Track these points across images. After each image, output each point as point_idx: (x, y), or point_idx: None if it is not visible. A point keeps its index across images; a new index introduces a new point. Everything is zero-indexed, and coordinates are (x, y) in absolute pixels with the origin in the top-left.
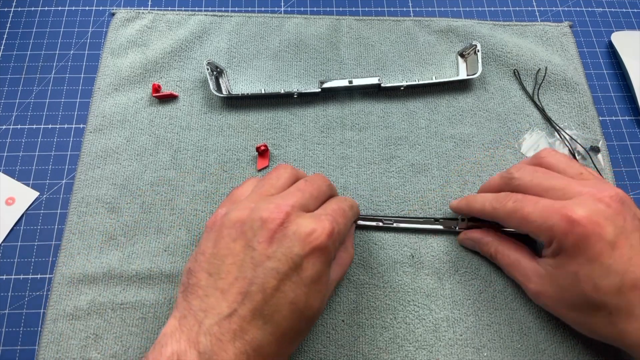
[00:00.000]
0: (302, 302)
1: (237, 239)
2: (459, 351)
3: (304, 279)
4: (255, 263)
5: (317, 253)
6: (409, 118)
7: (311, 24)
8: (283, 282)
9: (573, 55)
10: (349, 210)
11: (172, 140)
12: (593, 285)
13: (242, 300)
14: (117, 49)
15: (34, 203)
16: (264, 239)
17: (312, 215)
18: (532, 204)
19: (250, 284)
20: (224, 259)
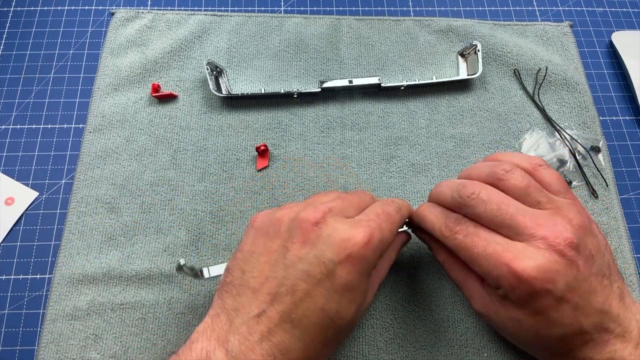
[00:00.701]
0: (333, 310)
1: (275, 237)
2: (459, 351)
3: (336, 287)
4: (287, 264)
5: (352, 261)
6: (409, 118)
7: (311, 24)
8: (314, 286)
9: (573, 55)
10: (396, 214)
11: (171, 140)
12: (535, 333)
13: (271, 301)
14: (117, 49)
15: (33, 203)
16: (298, 239)
17: (352, 221)
18: (481, 247)
19: (280, 285)
20: (259, 256)
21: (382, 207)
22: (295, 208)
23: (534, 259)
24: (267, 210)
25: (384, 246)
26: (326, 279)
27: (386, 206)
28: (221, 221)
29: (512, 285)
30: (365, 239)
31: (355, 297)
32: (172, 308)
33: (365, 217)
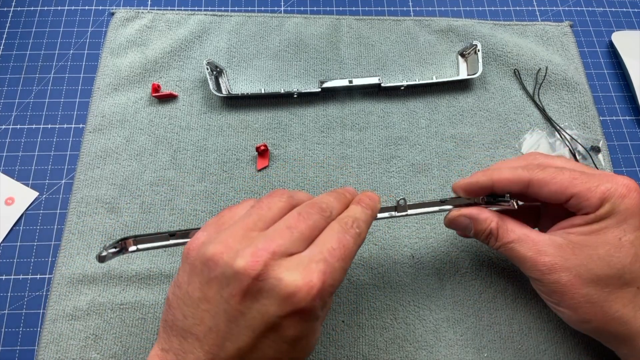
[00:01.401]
0: (286, 358)
1: (210, 282)
2: (459, 352)
3: (285, 338)
4: (229, 317)
5: (300, 314)
6: (409, 118)
7: (311, 24)
8: (260, 340)
9: (573, 55)
10: (354, 244)
11: (171, 140)
12: (635, 253)
13: (217, 352)
14: (117, 49)
15: (33, 203)
16: (237, 291)
17: (299, 264)
18: (578, 171)
19: (224, 339)
20: (198, 303)
21: (340, 238)
22: (227, 239)
23: (630, 180)
24: (199, 238)
25: (334, 289)
26: (272, 332)
27: (344, 235)
28: None
29: (622, 194)
30: (314, 291)
31: (307, 342)
32: None
33: (318, 254)
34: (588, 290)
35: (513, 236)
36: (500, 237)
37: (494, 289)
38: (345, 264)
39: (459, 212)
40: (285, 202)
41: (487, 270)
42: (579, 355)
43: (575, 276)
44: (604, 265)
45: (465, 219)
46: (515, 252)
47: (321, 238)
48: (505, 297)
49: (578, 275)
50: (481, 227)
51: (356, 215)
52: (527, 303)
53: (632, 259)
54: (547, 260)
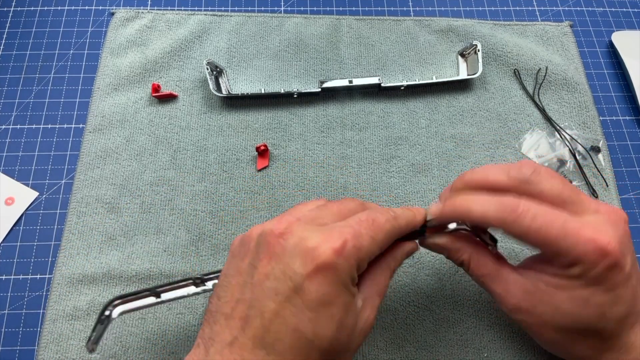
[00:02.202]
0: (309, 330)
1: (244, 257)
2: (459, 352)
3: (308, 303)
4: (255, 283)
5: (322, 272)
6: (409, 118)
7: (311, 24)
8: (283, 305)
9: (573, 55)
10: (386, 222)
11: (171, 140)
12: (600, 312)
13: (242, 326)
14: (117, 49)
15: (33, 203)
16: (264, 255)
17: (321, 227)
18: (558, 225)
19: (250, 308)
20: (231, 279)
21: (369, 214)
22: (266, 223)
23: (612, 232)
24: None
25: (362, 254)
26: (295, 295)
27: (374, 213)
28: (221, 221)
29: (595, 260)
30: (336, 246)
31: (333, 312)
32: (171, 308)
33: (343, 223)
34: (552, 335)
35: (484, 270)
36: (472, 269)
37: None
38: (374, 234)
39: (432, 240)
40: (324, 201)
41: None
42: None
43: (540, 322)
44: (568, 319)
45: (436, 247)
46: (485, 285)
47: (352, 216)
48: None
49: (543, 322)
50: (454, 256)
51: (392, 208)
52: None
53: (598, 318)
54: (514, 302)
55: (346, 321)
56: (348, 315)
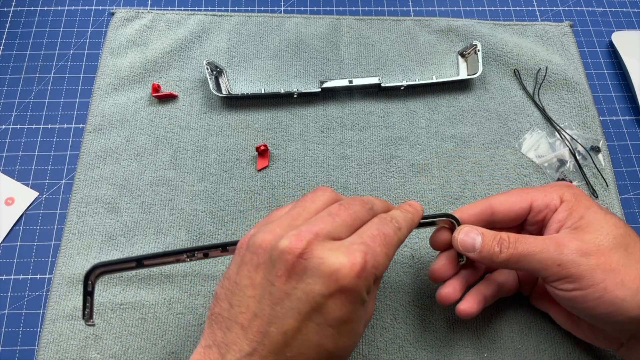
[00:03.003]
0: (331, 345)
1: (258, 268)
2: (459, 352)
3: (330, 321)
4: (274, 300)
5: (345, 294)
6: (409, 118)
7: (311, 24)
8: (305, 323)
9: (573, 55)
10: (394, 235)
11: (171, 140)
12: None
13: (261, 340)
14: (117, 49)
15: (33, 203)
16: (282, 272)
17: (341, 246)
18: (531, 189)
19: (269, 324)
20: (245, 289)
21: (379, 227)
22: (274, 229)
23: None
24: (249, 233)
25: (378, 273)
26: (317, 313)
27: (384, 226)
28: (221, 221)
29: (571, 196)
30: (357, 268)
31: (352, 327)
32: (171, 308)
33: (359, 239)
34: (617, 254)
35: (527, 240)
36: (512, 242)
37: None
38: (387, 250)
39: (466, 226)
40: (328, 196)
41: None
42: (579, 355)
43: (597, 245)
44: (607, 228)
45: (471, 234)
46: (529, 256)
47: (362, 228)
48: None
49: (599, 243)
50: (489, 238)
51: (395, 214)
52: (527, 303)
53: (622, 226)
54: (566, 240)
55: (360, 329)
56: (362, 324)
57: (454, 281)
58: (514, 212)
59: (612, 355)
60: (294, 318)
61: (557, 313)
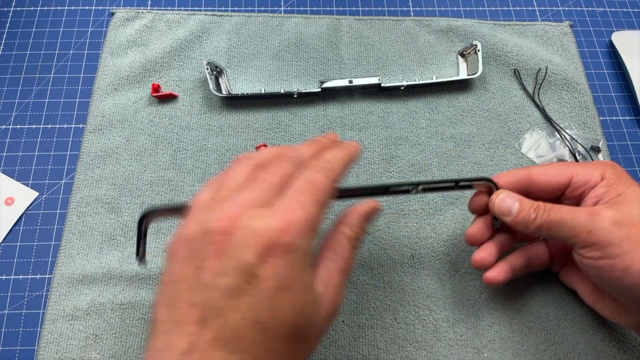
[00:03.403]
0: (269, 318)
1: (188, 260)
2: (459, 352)
3: (265, 291)
4: (206, 284)
5: (275, 255)
6: (409, 118)
7: (311, 24)
8: (239, 299)
9: (573, 55)
10: (325, 178)
11: (171, 140)
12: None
13: (199, 331)
14: (117, 49)
15: (33, 203)
16: (212, 254)
17: (265, 210)
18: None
19: (204, 309)
20: (177, 285)
21: (307, 177)
22: (199, 217)
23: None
24: (177, 231)
25: (311, 223)
26: (250, 286)
27: (312, 174)
28: None
29: (613, 173)
30: (283, 225)
31: (293, 295)
32: None
33: (285, 198)
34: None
35: (562, 209)
36: (546, 210)
37: (494, 289)
38: (318, 198)
39: (502, 191)
40: (249, 165)
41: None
42: (579, 355)
43: (630, 219)
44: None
45: (508, 199)
46: (563, 223)
47: (290, 182)
48: (505, 297)
49: (632, 220)
50: (526, 205)
51: (326, 157)
52: (527, 303)
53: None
54: (606, 214)
55: (306, 305)
56: (308, 297)
57: (489, 245)
58: (552, 185)
59: (612, 355)
60: (227, 296)
61: (584, 288)
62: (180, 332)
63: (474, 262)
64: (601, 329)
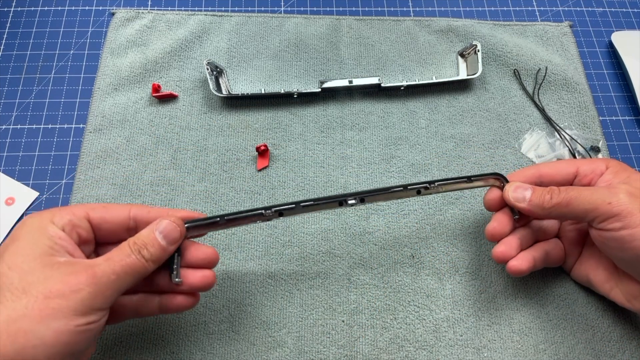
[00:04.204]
0: None
1: None
2: (459, 351)
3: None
4: None
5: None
6: (409, 118)
7: (311, 24)
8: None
9: (573, 55)
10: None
11: (172, 140)
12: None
13: None
14: (117, 49)
15: (33, 203)
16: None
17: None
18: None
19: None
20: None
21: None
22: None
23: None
24: None
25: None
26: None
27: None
28: None
29: (617, 170)
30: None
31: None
32: None
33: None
34: None
35: (576, 190)
36: (562, 190)
37: (494, 289)
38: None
39: (515, 182)
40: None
41: (487, 270)
42: (579, 355)
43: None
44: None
45: (521, 189)
46: (578, 204)
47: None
48: (506, 297)
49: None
50: (539, 190)
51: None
52: (527, 303)
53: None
54: (623, 187)
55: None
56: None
57: (509, 239)
58: (561, 175)
59: (612, 355)
60: None
61: (599, 276)
62: None
63: (495, 255)
64: (601, 329)
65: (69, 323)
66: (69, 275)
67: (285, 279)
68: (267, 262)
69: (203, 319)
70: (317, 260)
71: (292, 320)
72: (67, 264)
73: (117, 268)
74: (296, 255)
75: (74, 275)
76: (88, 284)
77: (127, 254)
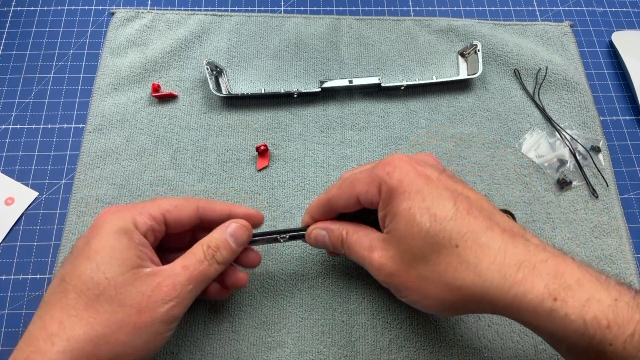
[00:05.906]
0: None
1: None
2: (459, 352)
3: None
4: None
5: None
6: (409, 118)
7: (311, 24)
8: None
9: (573, 54)
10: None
11: (171, 140)
12: (430, 214)
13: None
14: (117, 49)
15: (33, 203)
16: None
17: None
18: (356, 172)
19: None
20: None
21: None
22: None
23: (389, 157)
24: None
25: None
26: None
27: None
28: None
29: (388, 172)
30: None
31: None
32: None
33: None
34: (418, 271)
35: (354, 238)
36: (347, 242)
37: None
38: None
39: (314, 226)
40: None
41: None
42: None
43: (400, 262)
44: (413, 240)
45: (321, 232)
46: (358, 254)
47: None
48: None
49: (402, 260)
50: (333, 236)
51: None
52: None
53: (430, 221)
54: (375, 258)
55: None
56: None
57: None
58: (349, 207)
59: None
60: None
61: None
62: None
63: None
64: None
65: (157, 332)
66: (156, 289)
67: (285, 279)
68: (267, 262)
69: (202, 319)
70: (317, 261)
71: (292, 320)
72: (152, 275)
73: (193, 277)
74: (296, 255)
75: (160, 290)
76: (172, 297)
77: (201, 260)
